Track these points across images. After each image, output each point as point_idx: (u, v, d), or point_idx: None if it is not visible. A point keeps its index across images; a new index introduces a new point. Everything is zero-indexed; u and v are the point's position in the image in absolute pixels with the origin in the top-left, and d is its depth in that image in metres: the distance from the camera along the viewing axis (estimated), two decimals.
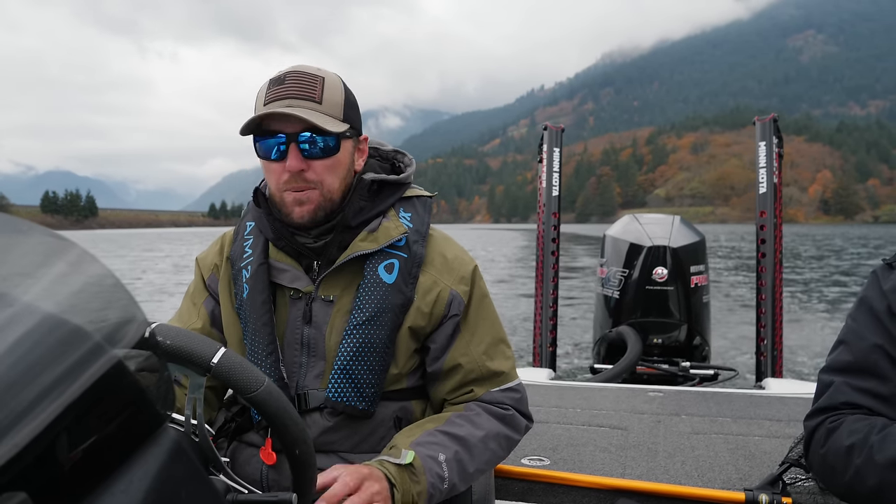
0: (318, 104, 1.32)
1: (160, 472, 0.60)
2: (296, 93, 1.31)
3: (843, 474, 1.23)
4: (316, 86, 1.33)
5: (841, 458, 1.24)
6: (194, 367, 0.92)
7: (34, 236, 0.63)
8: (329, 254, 1.41)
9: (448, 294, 1.43)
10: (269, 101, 1.32)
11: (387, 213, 1.45)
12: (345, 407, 1.38)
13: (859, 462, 1.19)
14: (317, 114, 1.31)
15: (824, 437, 1.30)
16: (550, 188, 5.27)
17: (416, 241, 1.44)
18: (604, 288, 5.33)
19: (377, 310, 1.38)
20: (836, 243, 53.30)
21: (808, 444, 1.37)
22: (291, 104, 1.30)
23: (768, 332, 4.73)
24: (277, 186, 1.36)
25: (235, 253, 1.50)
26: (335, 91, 1.36)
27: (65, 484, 0.52)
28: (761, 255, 4.78)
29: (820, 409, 1.35)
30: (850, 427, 1.25)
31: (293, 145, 1.31)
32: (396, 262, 1.41)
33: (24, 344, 0.51)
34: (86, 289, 0.61)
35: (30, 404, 0.48)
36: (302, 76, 1.33)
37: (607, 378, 4.62)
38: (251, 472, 1.42)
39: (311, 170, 1.34)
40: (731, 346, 9.77)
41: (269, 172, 1.38)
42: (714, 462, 2.58)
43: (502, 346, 1.50)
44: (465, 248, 1.55)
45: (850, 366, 1.31)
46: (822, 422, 1.32)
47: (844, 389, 1.30)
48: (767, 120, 4.87)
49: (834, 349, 1.38)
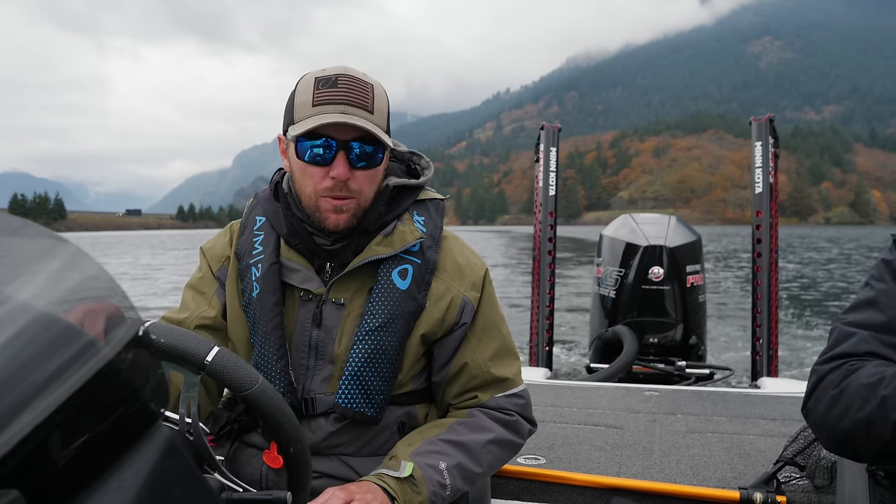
0: (370, 113, 1.29)
1: (153, 469, 0.59)
2: (350, 99, 1.27)
3: (863, 407, 1.16)
4: (368, 93, 1.30)
5: (861, 393, 1.17)
6: (188, 365, 0.92)
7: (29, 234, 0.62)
8: (343, 256, 1.38)
9: (461, 300, 1.41)
10: (321, 104, 1.27)
11: (401, 217, 1.42)
12: (354, 413, 1.36)
13: (886, 392, 1.12)
14: (371, 125, 1.28)
15: (841, 377, 1.24)
16: (547, 188, 5.25)
17: (430, 246, 1.41)
18: (600, 287, 5.33)
19: (390, 316, 1.35)
20: (792, 243, 54.97)
21: (814, 388, 1.30)
22: (346, 111, 1.26)
23: (763, 332, 4.77)
24: (315, 191, 1.32)
25: (243, 248, 1.45)
26: (383, 101, 1.33)
27: (58, 481, 0.52)
28: (757, 254, 4.82)
29: (839, 355, 1.27)
30: (874, 369, 1.19)
31: (342, 153, 1.28)
32: (410, 268, 1.38)
33: (18, 341, 0.51)
34: (80, 287, 0.61)
35: (23, 402, 0.48)
36: (354, 81, 1.30)
37: (603, 377, 4.63)
38: (250, 473, 1.40)
39: (354, 179, 1.31)
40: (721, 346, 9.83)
41: (306, 175, 1.32)
42: (709, 461, 2.60)
43: (508, 352, 1.48)
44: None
45: (882, 325, 1.26)
46: (840, 365, 1.26)
47: (870, 341, 1.25)
48: (763, 120, 4.92)
49: (857, 308, 1.32)
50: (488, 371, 1.43)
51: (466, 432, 1.38)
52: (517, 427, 1.45)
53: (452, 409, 1.48)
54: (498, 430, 1.41)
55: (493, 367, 1.44)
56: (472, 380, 1.43)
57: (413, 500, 1.25)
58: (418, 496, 1.26)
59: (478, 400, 1.44)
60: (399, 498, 1.23)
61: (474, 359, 1.43)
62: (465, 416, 1.43)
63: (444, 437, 1.36)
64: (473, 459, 1.36)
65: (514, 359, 1.50)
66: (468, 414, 1.44)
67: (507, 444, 1.43)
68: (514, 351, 1.51)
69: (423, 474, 1.28)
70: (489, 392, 1.44)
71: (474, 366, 1.43)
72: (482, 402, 1.44)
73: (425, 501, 1.26)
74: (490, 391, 1.44)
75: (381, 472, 1.27)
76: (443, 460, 1.32)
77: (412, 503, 1.24)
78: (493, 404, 1.44)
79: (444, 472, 1.30)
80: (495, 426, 1.42)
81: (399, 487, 1.24)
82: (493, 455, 1.40)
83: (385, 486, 1.23)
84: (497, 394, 1.45)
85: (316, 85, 1.29)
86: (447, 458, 1.32)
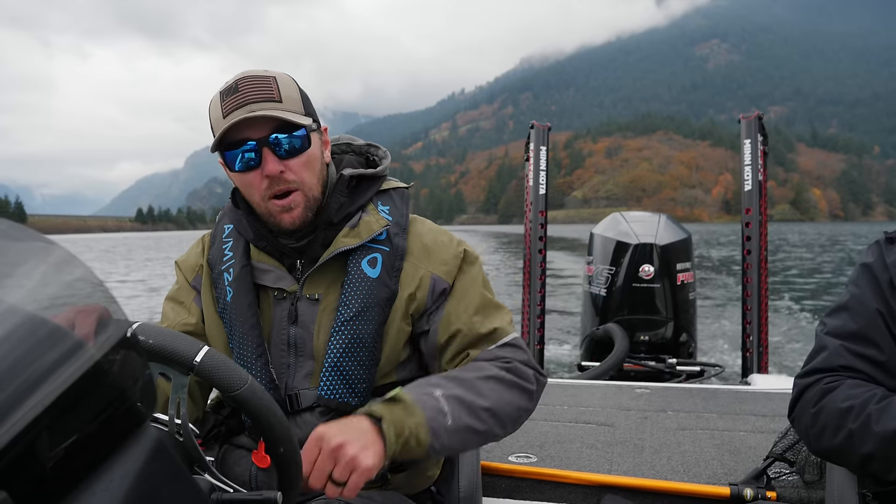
0: (279, 103, 1.30)
1: (141, 470, 0.59)
2: (254, 97, 1.28)
3: (834, 435, 1.24)
4: (271, 86, 1.31)
5: (834, 418, 1.25)
6: (177, 366, 0.91)
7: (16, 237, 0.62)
8: (312, 252, 1.40)
9: (430, 279, 1.42)
10: (229, 112, 1.28)
11: (366, 208, 1.44)
12: (338, 404, 1.36)
13: (854, 427, 1.20)
14: (280, 111, 1.29)
15: (818, 396, 1.31)
16: (537, 186, 5.23)
17: (397, 233, 1.43)
18: (591, 286, 5.33)
19: (363, 305, 1.36)
20: (735, 240, 56.77)
21: (796, 401, 1.37)
22: (253, 108, 1.27)
23: (754, 329, 4.83)
24: (261, 196, 1.34)
25: (214, 256, 1.48)
26: (290, 87, 1.34)
27: (46, 482, 0.52)
28: (746, 251, 4.88)
29: (816, 370, 1.35)
30: (848, 391, 1.26)
31: (266, 149, 1.29)
32: (379, 257, 1.40)
33: (5, 343, 0.51)
34: (68, 289, 0.61)
35: (10, 403, 0.48)
36: (254, 80, 1.31)
37: (595, 375, 4.62)
38: (240, 474, 1.40)
39: (288, 170, 1.32)
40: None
41: (246, 185, 1.35)
42: (700, 457, 2.61)
43: (492, 306, 1.45)
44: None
45: (852, 333, 1.32)
46: (817, 381, 1.33)
47: (843, 353, 1.31)
48: (752, 118, 4.98)
49: (833, 313, 1.38)
50: (474, 328, 1.41)
51: (460, 372, 1.34)
52: (517, 371, 1.38)
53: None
54: (495, 370, 1.35)
55: (478, 323, 1.41)
56: (461, 341, 1.41)
57: (405, 421, 1.16)
58: (412, 417, 1.17)
59: (470, 358, 1.41)
60: (386, 417, 1.15)
61: (458, 320, 1.41)
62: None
63: (437, 376, 1.34)
64: (473, 391, 1.29)
65: (501, 311, 1.47)
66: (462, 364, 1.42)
67: (511, 384, 1.35)
68: (499, 304, 1.47)
69: (414, 398, 1.21)
70: (480, 347, 1.41)
71: (460, 327, 1.41)
72: (474, 357, 1.40)
73: (422, 425, 1.18)
74: (481, 345, 1.41)
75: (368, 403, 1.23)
76: (437, 389, 1.25)
77: (404, 423, 1.16)
78: (487, 356, 1.40)
79: (440, 399, 1.23)
80: (492, 367, 1.36)
81: (386, 409, 1.17)
82: (497, 393, 1.32)
83: (370, 411, 1.17)
84: (489, 346, 1.41)
85: (221, 97, 1.30)
86: (441, 388, 1.26)
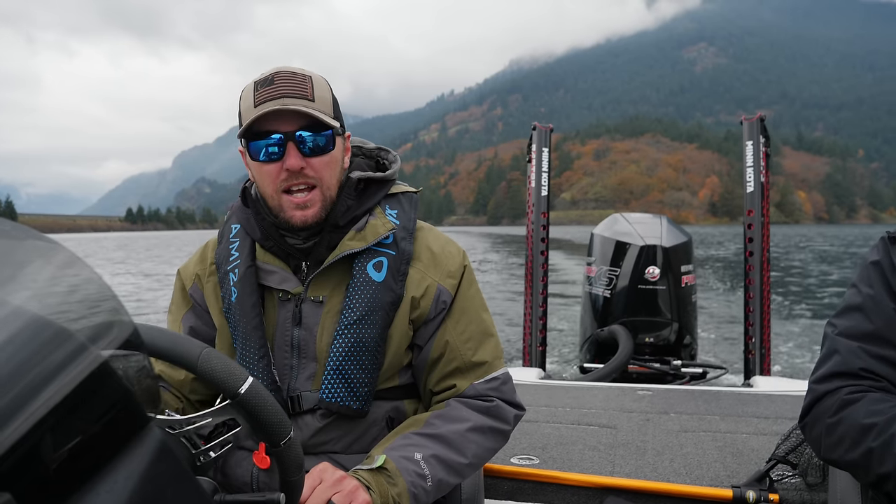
0: (311, 101, 1.31)
1: (145, 471, 0.59)
2: (288, 91, 1.29)
3: (852, 449, 1.21)
4: (306, 84, 1.32)
5: (854, 432, 1.21)
6: (180, 367, 0.93)
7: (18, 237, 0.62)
8: (317, 254, 1.40)
9: (436, 289, 1.42)
10: (261, 102, 1.29)
11: (373, 211, 1.44)
12: (339, 407, 1.37)
13: (875, 445, 1.17)
14: (312, 110, 1.30)
15: (838, 406, 1.26)
16: (539, 188, 5.21)
17: (404, 237, 1.43)
18: (593, 287, 5.30)
19: (368, 309, 1.36)
20: (723, 241, 57.18)
21: (811, 407, 1.33)
22: (286, 103, 1.28)
23: (756, 331, 4.82)
24: (275, 188, 1.34)
25: (221, 256, 1.48)
26: (324, 89, 1.35)
27: (50, 484, 0.52)
28: (749, 253, 4.87)
29: (834, 374, 1.29)
30: (872, 406, 1.21)
31: (291, 143, 1.30)
32: (385, 260, 1.40)
33: (9, 346, 0.51)
34: (72, 290, 0.61)
35: (15, 405, 0.48)
36: (291, 75, 1.32)
37: (599, 377, 4.61)
38: (241, 475, 1.40)
39: (310, 167, 1.32)
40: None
41: (263, 175, 1.35)
42: (702, 459, 2.61)
43: (486, 336, 1.47)
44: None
45: (868, 334, 1.28)
46: (837, 389, 1.28)
47: (861, 355, 1.27)
48: (754, 119, 4.97)
49: (844, 314, 1.34)
50: (465, 355, 1.43)
51: (442, 424, 1.37)
52: (498, 412, 1.43)
53: (433, 403, 1.47)
54: (476, 417, 1.39)
55: (470, 350, 1.43)
56: (449, 363, 1.43)
57: (388, 491, 1.22)
58: (394, 487, 1.23)
59: (456, 389, 1.43)
60: (374, 488, 1.20)
61: (452, 342, 1.43)
62: (442, 409, 1.42)
63: (418, 432, 1.35)
64: (453, 449, 1.34)
65: (493, 343, 1.49)
66: (445, 405, 1.43)
67: (490, 430, 1.41)
68: (493, 335, 1.50)
69: (397, 466, 1.26)
70: (468, 379, 1.43)
71: (452, 349, 1.42)
72: (461, 391, 1.43)
73: (404, 492, 1.24)
74: (469, 377, 1.43)
75: (355, 468, 1.26)
76: (418, 451, 1.30)
77: (388, 493, 1.22)
78: (472, 392, 1.43)
79: (420, 463, 1.28)
80: (473, 414, 1.40)
81: (373, 478, 1.22)
82: (477, 444, 1.38)
83: (359, 478, 1.21)
84: (476, 380, 1.44)
85: (255, 87, 1.31)
86: (422, 449, 1.31)
